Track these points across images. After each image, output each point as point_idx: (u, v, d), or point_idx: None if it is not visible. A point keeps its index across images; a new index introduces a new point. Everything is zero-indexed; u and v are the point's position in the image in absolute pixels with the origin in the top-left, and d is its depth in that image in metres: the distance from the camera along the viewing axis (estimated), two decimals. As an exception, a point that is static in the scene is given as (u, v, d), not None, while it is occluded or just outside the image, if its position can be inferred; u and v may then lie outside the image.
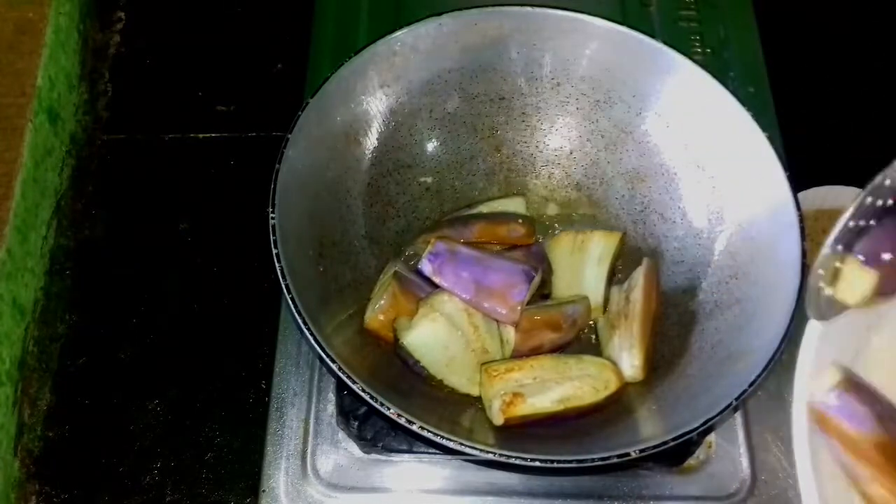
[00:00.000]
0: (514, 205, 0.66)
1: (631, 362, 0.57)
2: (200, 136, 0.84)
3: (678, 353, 0.58)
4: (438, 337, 0.56)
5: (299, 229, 0.56)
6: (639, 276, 0.60)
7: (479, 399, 0.57)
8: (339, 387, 0.63)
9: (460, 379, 0.57)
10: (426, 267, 0.57)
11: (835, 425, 0.45)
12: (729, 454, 0.62)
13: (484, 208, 0.66)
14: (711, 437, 0.62)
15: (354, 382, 0.48)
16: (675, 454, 0.61)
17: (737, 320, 0.56)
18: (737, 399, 0.49)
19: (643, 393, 0.57)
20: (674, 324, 0.60)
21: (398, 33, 0.61)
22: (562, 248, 0.64)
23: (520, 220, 0.64)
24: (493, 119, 0.67)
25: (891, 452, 0.44)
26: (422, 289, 0.58)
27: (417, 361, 0.55)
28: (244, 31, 0.90)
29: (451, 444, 0.47)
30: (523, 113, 0.67)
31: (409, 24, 0.61)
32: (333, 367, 0.49)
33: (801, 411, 0.45)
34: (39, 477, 0.69)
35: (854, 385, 0.45)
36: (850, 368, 0.46)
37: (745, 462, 0.61)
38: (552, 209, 0.68)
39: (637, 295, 0.59)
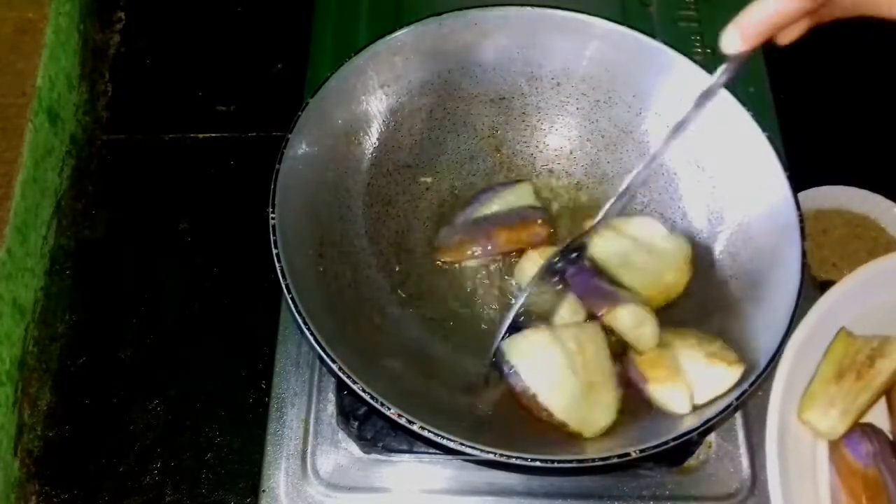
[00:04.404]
0: (524, 195, 0.65)
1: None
2: (200, 136, 0.84)
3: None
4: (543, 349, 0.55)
5: (299, 229, 0.56)
6: None
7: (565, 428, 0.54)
8: (339, 387, 0.63)
9: (560, 400, 0.53)
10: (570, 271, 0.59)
11: (841, 452, 0.58)
12: (729, 454, 0.62)
13: (495, 206, 0.64)
14: (711, 437, 0.62)
15: (354, 382, 0.48)
16: (675, 454, 0.61)
17: (737, 320, 0.56)
18: (737, 399, 0.49)
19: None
20: (674, 324, 0.60)
21: (398, 33, 0.61)
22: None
23: (539, 222, 0.63)
24: (493, 119, 0.67)
25: (872, 485, 0.56)
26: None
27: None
28: (244, 31, 0.91)
29: (451, 444, 0.47)
30: (523, 113, 0.67)
31: (409, 24, 0.61)
32: (333, 367, 0.49)
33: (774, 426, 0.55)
34: (39, 477, 0.69)
35: (871, 430, 0.59)
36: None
37: (745, 462, 0.61)
38: (552, 209, 0.68)
39: None
